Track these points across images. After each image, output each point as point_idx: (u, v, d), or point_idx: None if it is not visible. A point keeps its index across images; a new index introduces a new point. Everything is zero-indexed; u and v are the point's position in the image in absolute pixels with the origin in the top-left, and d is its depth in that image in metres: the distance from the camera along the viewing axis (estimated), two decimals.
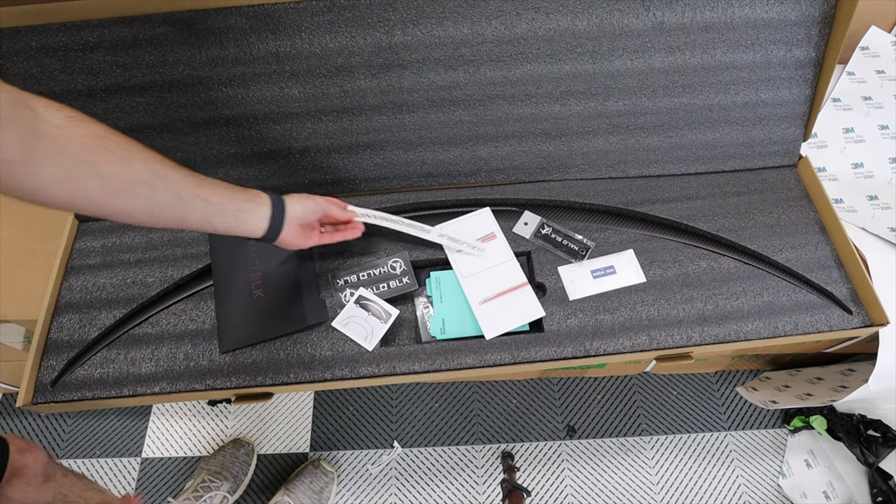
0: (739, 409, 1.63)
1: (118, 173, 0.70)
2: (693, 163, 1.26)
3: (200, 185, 0.79)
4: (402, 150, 1.20)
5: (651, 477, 1.54)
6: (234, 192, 0.85)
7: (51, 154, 0.64)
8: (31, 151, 0.62)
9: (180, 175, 0.77)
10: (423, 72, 1.12)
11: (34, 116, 0.63)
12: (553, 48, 1.11)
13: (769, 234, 1.18)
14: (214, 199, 0.81)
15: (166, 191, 0.75)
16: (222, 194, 0.83)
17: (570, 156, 1.24)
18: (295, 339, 1.09)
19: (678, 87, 1.17)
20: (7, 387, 1.46)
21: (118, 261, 1.17)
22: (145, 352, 1.08)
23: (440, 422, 1.61)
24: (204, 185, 0.80)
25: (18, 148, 0.61)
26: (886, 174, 1.34)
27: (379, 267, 1.15)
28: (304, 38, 1.06)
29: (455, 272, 1.14)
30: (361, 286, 1.12)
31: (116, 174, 0.70)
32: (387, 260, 1.15)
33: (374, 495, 1.52)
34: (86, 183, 0.68)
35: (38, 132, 0.63)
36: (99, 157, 0.68)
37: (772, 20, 1.12)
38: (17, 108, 0.62)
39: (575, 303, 1.11)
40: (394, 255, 1.16)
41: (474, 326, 1.11)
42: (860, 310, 1.11)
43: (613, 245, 1.18)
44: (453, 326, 1.12)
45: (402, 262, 1.15)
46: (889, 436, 1.34)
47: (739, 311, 1.10)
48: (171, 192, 0.76)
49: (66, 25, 1.02)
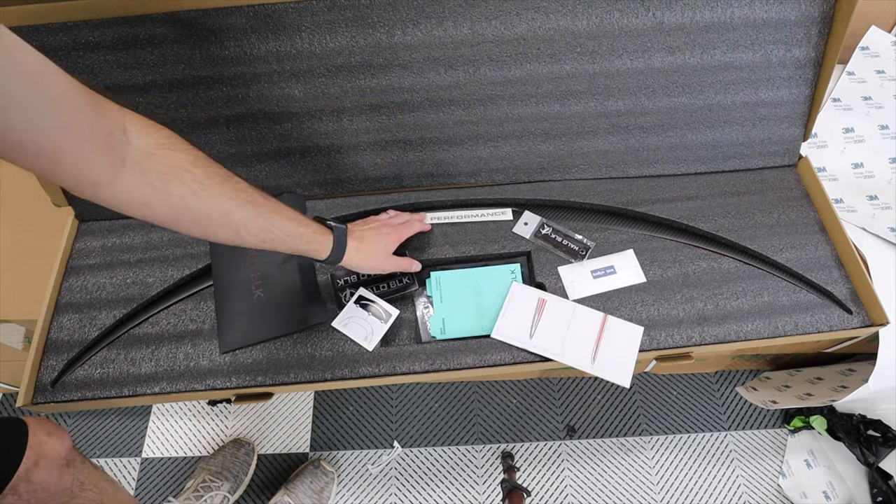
0: (739, 409, 1.63)
1: (187, 207, 0.74)
2: (693, 163, 1.26)
3: (262, 228, 0.83)
4: (402, 149, 1.20)
5: (651, 477, 1.54)
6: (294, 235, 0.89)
7: (132, 182, 0.68)
8: (115, 176, 0.67)
9: (246, 214, 0.81)
10: (423, 72, 1.12)
11: (126, 142, 0.67)
12: (553, 48, 1.11)
13: (769, 234, 1.18)
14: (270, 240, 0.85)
15: (227, 227, 0.80)
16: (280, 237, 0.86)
17: (570, 156, 1.24)
18: (295, 339, 1.09)
19: (678, 86, 1.17)
20: (7, 387, 1.46)
21: (118, 261, 1.17)
22: (145, 352, 1.08)
23: (440, 422, 1.61)
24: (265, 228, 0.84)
25: (108, 173, 0.66)
26: (886, 174, 1.34)
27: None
28: (304, 37, 1.06)
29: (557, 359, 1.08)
30: (361, 286, 1.12)
31: (186, 208, 0.74)
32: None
33: (374, 495, 1.52)
34: (158, 209, 0.72)
35: (124, 159, 0.67)
36: (173, 189, 0.72)
37: (771, 20, 1.12)
38: (116, 135, 0.66)
39: (575, 303, 1.11)
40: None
41: (474, 327, 1.11)
42: (860, 310, 1.11)
43: (613, 245, 1.18)
44: (453, 326, 1.12)
45: None
46: (889, 436, 1.34)
47: (739, 311, 1.10)
48: (231, 228, 0.80)
49: (66, 25, 1.02)
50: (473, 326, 1.12)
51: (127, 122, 0.68)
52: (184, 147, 0.74)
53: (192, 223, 0.77)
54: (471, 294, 1.15)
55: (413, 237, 1.16)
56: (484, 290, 1.14)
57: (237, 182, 0.80)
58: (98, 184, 0.66)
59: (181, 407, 1.61)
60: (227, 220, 0.79)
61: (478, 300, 1.14)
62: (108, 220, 1.23)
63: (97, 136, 0.64)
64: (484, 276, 1.16)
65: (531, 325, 1.08)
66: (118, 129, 0.67)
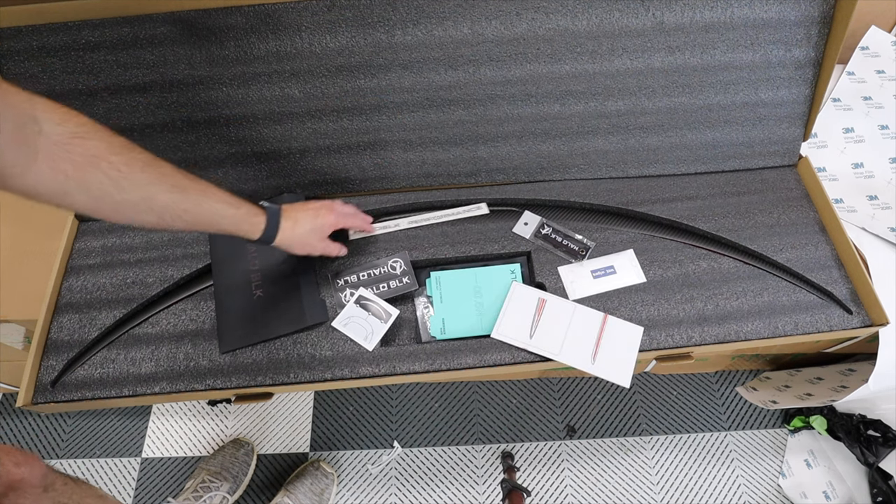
0: (739, 409, 1.63)
1: (107, 194, 0.73)
2: (693, 163, 1.26)
3: (188, 210, 0.82)
4: (402, 149, 1.20)
5: (651, 477, 1.54)
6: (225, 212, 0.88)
7: (46, 172, 0.67)
8: (27, 166, 0.66)
9: (171, 199, 0.80)
10: (423, 71, 1.12)
11: (38, 132, 0.66)
12: (553, 48, 1.11)
13: (769, 233, 1.18)
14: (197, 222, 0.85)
15: (150, 212, 0.79)
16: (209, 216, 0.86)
17: (570, 156, 1.24)
18: (295, 339, 1.09)
19: (678, 86, 1.17)
20: (7, 387, 1.46)
21: (118, 261, 1.17)
22: (145, 352, 1.08)
23: (440, 422, 1.61)
24: (191, 210, 0.83)
25: (17, 162, 0.65)
26: (886, 174, 1.34)
27: (379, 267, 1.15)
28: (304, 37, 1.06)
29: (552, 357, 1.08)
30: (361, 286, 1.12)
31: (105, 194, 0.73)
32: (387, 260, 1.15)
33: (374, 495, 1.52)
34: (76, 198, 0.72)
35: (37, 149, 0.66)
36: (90, 178, 0.71)
37: (771, 20, 1.12)
38: (27, 125, 0.65)
39: (575, 303, 1.11)
40: (394, 254, 1.16)
41: (474, 327, 1.11)
42: (860, 310, 1.11)
43: (613, 245, 1.18)
44: (453, 326, 1.12)
45: (402, 262, 1.15)
46: (889, 436, 1.34)
47: (740, 310, 1.10)
48: (155, 213, 0.79)
49: (66, 25, 1.02)
50: (473, 326, 1.11)
51: (37, 111, 0.67)
52: (101, 135, 0.73)
53: (113, 211, 0.76)
54: (471, 294, 1.14)
55: (413, 238, 1.16)
56: (484, 290, 1.14)
57: (161, 166, 0.79)
58: (10, 175, 0.65)
59: (181, 407, 1.61)
60: (149, 205, 0.78)
61: (478, 300, 1.14)
62: None
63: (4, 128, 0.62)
64: (484, 276, 1.16)
65: (531, 325, 1.07)
66: (28, 120, 0.65)
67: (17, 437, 1.59)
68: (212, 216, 0.86)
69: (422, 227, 1.20)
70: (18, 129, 0.64)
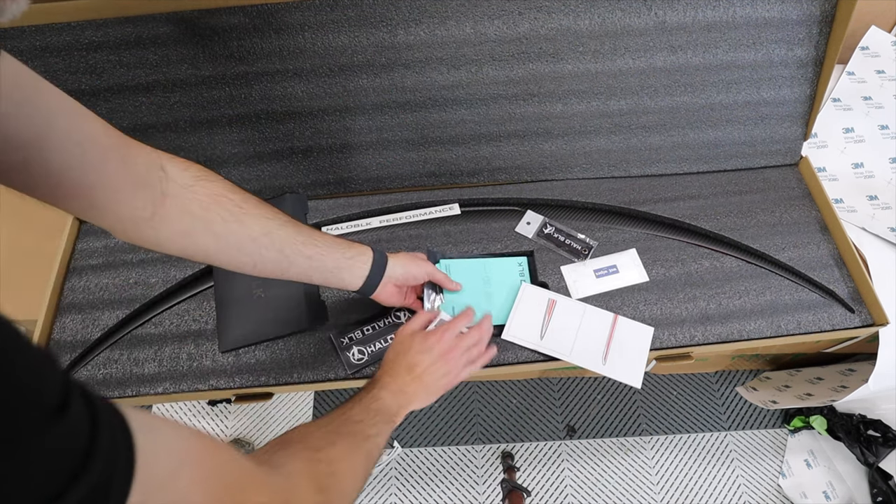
0: (739, 409, 1.63)
1: (231, 231, 0.75)
2: (695, 162, 1.27)
3: (305, 242, 0.82)
4: (405, 149, 1.20)
5: (651, 477, 1.55)
6: (337, 248, 0.87)
7: (174, 213, 0.70)
8: (157, 210, 0.68)
9: (287, 232, 0.80)
10: (425, 71, 1.12)
11: (164, 177, 0.68)
12: (555, 47, 1.11)
13: (771, 233, 1.19)
14: (316, 255, 0.84)
15: (272, 247, 0.79)
16: (325, 250, 0.85)
17: (573, 155, 1.24)
18: (298, 338, 1.08)
19: (680, 86, 1.18)
20: None
21: (120, 261, 1.17)
22: (148, 352, 1.08)
23: (440, 422, 1.61)
24: (308, 242, 0.83)
25: (148, 207, 0.67)
26: (886, 174, 1.34)
27: (382, 319, 1.10)
28: (306, 37, 1.06)
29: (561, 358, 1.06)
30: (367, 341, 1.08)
31: (229, 232, 0.75)
32: (389, 310, 1.10)
33: (374, 495, 1.52)
34: (201, 239, 0.73)
35: (165, 192, 0.68)
36: (215, 216, 0.73)
37: (773, 19, 1.12)
38: (153, 171, 0.67)
39: (585, 303, 1.11)
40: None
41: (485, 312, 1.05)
42: (861, 308, 1.11)
43: (616, 244, 1.18)
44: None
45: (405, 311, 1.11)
46: (889, 436, 1.35)
47: (742, 309, 1.11)
48: (276, 248, 0.79)
49: (69, 25, 1.02)
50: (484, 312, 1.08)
51: (163, 160, 0.69)
52: (219, 177, 0.75)
53: (237, 250, 0.77)
54: (480, 282, 1.13)
55: (416, 237, 1.17)
56: (493, 280, 1.14)
57: (272, 206, 0.81)
58: (139, 219, 0.67)
59: (181, 407, 1.61)
60: (270, 239, 0.78)
61: (487, 289, 1.13)
62: None
63: (133, 171, 0.64)
64: (492, 266, 1.15)
65: (542, 325, 1.07)
66: (154, 166, 0.67)
67: None
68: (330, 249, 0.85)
69: (424, 227, 1.20)
70: (147, 173, 0.66)
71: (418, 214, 1.22)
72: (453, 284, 1.05)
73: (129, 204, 0.65)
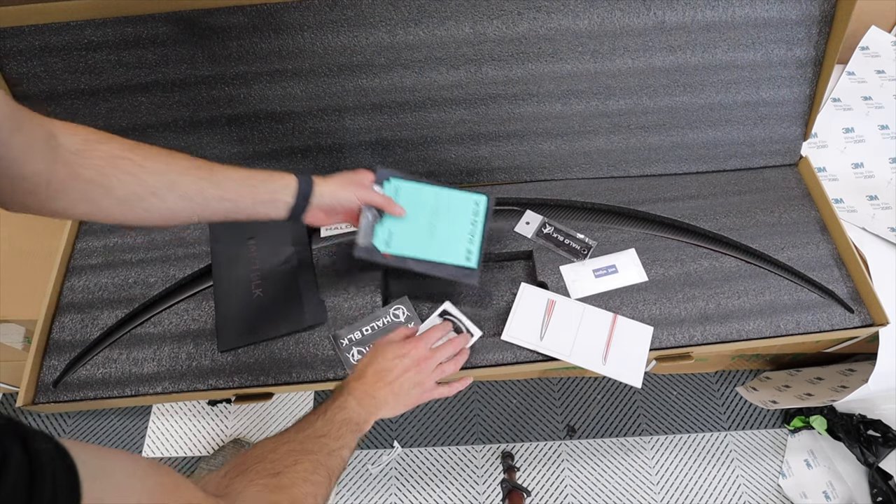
0: (739, 409, 1.63)
1: (132, 192, 0.72)
2: (694, 162, 1.27)
3: (218, 185, 0.80)
4: (404, 149, 1.20)
5: (651, 477, 1.54)
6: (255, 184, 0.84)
7: (69, 181, 0.67)
8: (50, 179, 0.66)
9: (194, 180, 0.77)
10: (424, 71, 1.12)
11: (56, 145, 0.66)
12: (554, 47, 1.11)
13: (770, 232, 1.18)
14: (232, 197, 0.81)
15: (180, 198, 0.76)
16: (242, 191, 0.82)
17: (572, 155, 1.24)
18: (297, 338, 1.08)
19: (679, 86, 1.18)
20: (7, 387, 1.46)
21: (120, 261, 1.17)
22: (147, 352, 1.08)
23: (440, 422, 1.61)
24: (221, 185, 0.80)
25: (43, 175, 0.65)
26: (886, 174, 1.34)
27: (381, 318, 1.10)
28: (306, 36, 1.06)
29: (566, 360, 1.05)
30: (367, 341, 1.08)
31: (131, 193, 0.72)
32: (388, 309, 1.11)
33: (374, 495, 1.52)
34: (103, 203, 0.71)
35: (56, 159, 0.66)
36: (113, 179, 0.70)
37: (772, 19, 1.12)
38: (44, 138, 0.65)
39: (584, 304, 1.11)
40: (395, 302, 1.11)
41: (422, 248, 1.01)
42: (861, 308, 1.11)
43: (615, 244, 1.18)
44: (400, 242, 1.01)
45: (404, 308, 1.11)
46: (889, 436, 1.34)
47: (741, 309, 1.11)
48: (185, 198, 0.77)
49: (68, 25, 1.02)
50: (422, 247, 1.01)
51: (54, 127, 0.67)
52: (114, 137, 0.72)
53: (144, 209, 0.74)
54: (427, 213, 1.03)
55: None
56: (441, 214, 1.04)
57: (180, 155, 0.78)
58: (35, 188, 0.65)
59: (181, 407, 1.61)
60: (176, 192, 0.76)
61: (431, 221, 1.03)
62: None
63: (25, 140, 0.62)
64: (445, 199, 1.05)
65: (542, 326, 1.07)
66: (45, 134, 0.65)
67: None
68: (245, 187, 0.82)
69: None
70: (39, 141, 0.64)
71: None
72: (396, 209, 0.98)
73: (23, 173, 0.63)
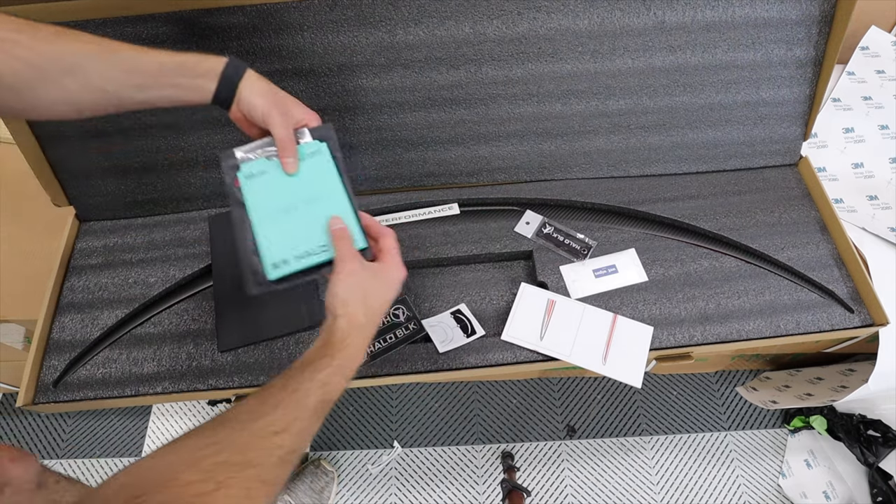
0: (739, 409, 1.63)
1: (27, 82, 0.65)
2: (694, 162, 1.27)
3: (130, 71, 0.71)
4: (404, 149, 1.20)
5: (651, 477, 1.54)
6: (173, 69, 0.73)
7: None
8: None
9: (103, 64, 0.69)
10: (424, 71, 1.12)
11: None
12: (554, 47, 1.11)
13: (770, 233, 1.19)
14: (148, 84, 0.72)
15: (81, 87, 0.69)
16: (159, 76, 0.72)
17: (572, 155, 1.24)
18: (297, 338, 1.08)
19: (679, 86, 1.18)
20: (7, 387, 1.45)
21: (120, 260, 1.17)
22: (147, 352, 1.08)
23: (440, 422, 1.61)
24: (135, 70, 0.71)
25: None
26: (886, 174, 1.34)
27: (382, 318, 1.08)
28: (306, 36, 1.06)
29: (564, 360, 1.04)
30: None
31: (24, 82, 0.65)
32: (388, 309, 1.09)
33: (374, 495, 1.52)
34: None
35: None
36: (4, 67, 0.63)
37: (772, 19, 1.12)
38: None
39: (584, 304, 1.11)
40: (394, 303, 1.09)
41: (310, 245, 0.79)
42: (861, 308, 1.11)
43: (615, 244, 1.18)
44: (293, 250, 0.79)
45: (403, 308, 1.11)
46: (889, 436, 1.34)
47: (741, 309, 1.11)
48: (92, 87, 0.69)
49: (68, 25, 1.02)
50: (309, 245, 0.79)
51: None
52: (4, 17, 0.64)
53: (36, 97, 0.66)
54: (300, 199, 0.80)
55: (415, 237, 1.17)
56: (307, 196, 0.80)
57: (81, 33, 0.69)
58: None
59: (181, 407, 1.61)
60: (80, 80, 0.67)
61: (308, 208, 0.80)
62: (110, 220, 1.23)
63: None
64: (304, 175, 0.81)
65: (542, 326, 1.07)
66: None
67: (17, 437, 1.58)
68: (154, 67, 0.72)
69: (423, 227, 1.20)
70: None
71: (417, 214, 1.22)
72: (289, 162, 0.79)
73: None
